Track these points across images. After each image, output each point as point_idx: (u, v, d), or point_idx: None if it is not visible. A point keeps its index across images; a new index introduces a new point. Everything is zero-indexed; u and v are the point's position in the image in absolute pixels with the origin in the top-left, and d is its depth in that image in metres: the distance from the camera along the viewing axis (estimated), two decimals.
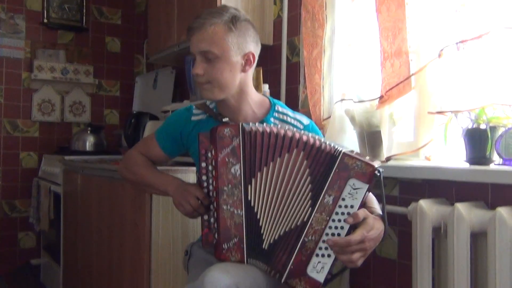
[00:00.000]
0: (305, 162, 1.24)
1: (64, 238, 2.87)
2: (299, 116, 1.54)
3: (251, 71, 1.46)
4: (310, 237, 1.22)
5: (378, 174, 1.20)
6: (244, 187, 1.27)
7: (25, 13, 3.58)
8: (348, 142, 1.88)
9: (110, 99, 3.92)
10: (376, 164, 1.21)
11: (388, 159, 1.64)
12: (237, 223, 1.27)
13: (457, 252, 1.34)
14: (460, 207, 1.35)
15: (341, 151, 1.22)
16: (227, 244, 1.27)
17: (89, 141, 3.44)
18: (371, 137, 1.73)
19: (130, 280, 1.90)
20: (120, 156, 3.00)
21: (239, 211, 1.27)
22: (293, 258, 1.23)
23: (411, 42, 1.60)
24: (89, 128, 3.51)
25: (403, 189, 1.68)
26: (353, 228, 1.20)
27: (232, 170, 1.28)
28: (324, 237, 1.21)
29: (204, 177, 1.35)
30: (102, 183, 2.22)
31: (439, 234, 1.44)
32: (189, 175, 1.81)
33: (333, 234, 1.20)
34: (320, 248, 1.22)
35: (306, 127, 1.51)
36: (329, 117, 1.95)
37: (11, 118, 3.54)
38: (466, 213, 1.34)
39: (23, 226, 3.61)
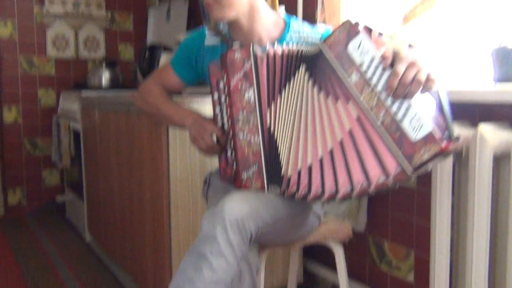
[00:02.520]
0: None
1: (86, 175, 2.92)
2: (315, 28, 1.44)
3: None
4: (383, 119, 1.07)
5: (353, 23, 1.10)
6: (259, 112, 1.23)
7: None
8: None
9: (124, 34, 3.85)
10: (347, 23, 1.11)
11: None
12: (255, 150, 1.24)
13: (479, 176, 1.30)
14: (484, 128, 1.30)
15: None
16: (246, 173, 1.26)
17: (105, 77, 3.40)
18: None
19: (151, 212, 1.92)
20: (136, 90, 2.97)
21: (255, 138, 1.24)
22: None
23: None
24: (104, 63, 3.46)
25: None
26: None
27: (246, 95, 1.24)
28: (383, 97, 1.07)
29: (217, 109, 1.32)
30: (119, 117, 2.22)
31: (461, 158, 1.41)
32: (206, 107, 1.78)
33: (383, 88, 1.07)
34: (398, 108, 1.06)
35: (322, 36, 1.40)
36: None
37: (26, 54, 3.53)
38: (490, 134, 1.29)
39: (46, 164, 3.67)
